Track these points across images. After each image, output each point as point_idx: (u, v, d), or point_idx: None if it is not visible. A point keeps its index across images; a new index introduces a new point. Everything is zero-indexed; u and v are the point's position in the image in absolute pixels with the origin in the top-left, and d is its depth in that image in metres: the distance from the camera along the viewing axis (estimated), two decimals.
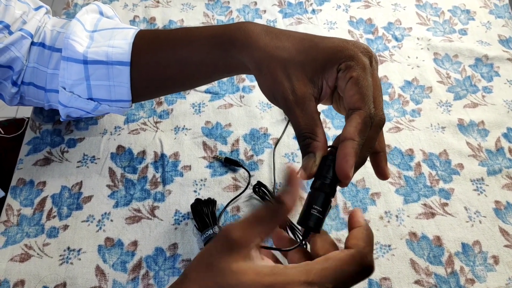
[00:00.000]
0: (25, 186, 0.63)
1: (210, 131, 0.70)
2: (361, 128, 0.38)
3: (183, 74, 0.55)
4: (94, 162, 0.66)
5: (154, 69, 0.55)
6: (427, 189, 0.64)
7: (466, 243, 0.59)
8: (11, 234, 0.59)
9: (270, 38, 0.44)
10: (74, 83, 0.56)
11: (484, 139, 0.70)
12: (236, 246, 0.34)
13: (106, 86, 0.56)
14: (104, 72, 0.55)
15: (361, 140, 0.38)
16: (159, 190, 0.63)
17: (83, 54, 0.55)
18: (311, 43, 0.43)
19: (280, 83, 0.42)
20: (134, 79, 0.56)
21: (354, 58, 0.40)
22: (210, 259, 0.34)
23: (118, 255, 0.58)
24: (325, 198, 0.38)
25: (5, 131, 0.83)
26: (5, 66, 0.58)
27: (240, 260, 0.33)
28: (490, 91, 0.76)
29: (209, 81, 0.59)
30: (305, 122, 0.40)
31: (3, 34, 0.57)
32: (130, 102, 0.58)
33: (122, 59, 0.54)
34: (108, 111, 0.60)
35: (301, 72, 0.42)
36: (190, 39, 0.52)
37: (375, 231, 0.60)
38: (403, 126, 0.71)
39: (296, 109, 0.41)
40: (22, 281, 0.55)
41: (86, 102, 0.58)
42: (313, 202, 0.38)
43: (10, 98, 0.62)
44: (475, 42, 0.83)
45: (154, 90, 0.59)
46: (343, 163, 0.37)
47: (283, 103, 0.42)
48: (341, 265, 0.34)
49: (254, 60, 0.45)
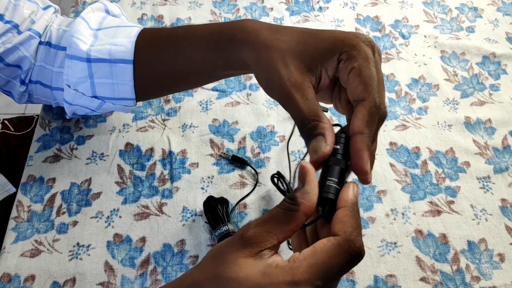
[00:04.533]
0: (35, 182, 0.64)
1: (217, 128, 0.70)
2: (368, 120, 0.37)
3: (185, 72, 0.55)
4: (102, 159, 0.67)
5: (157, 67, 0.55)
6: (433, 186, 0.64)
7: (472, 240, 0.60)
8: (21, 230, 0.60)
9: (270, 33, 0.43)
10: (78, 81, 0.56)
11: (491, 137, 0.70)
12: (248, 243, 0.33)
13: (110, 84, 0.56)
14: (107, 70, 0.55)
15: (371, 132, 0.37)
16: (167, 187, 0.64)
17: (87, 52, 0.55)
18: (311, 35, 0.42)
19: (276, 71, 0.40)
20: (137, 77, 0.56)
21: (356, 47, 0.39)
22: (220, 251, 0.34)
23: (126, 251, 0.58)
24: (340, 171, 0.37)
25: (15, 128, 0.84)
26: (14, 65, 0.59)
27: (250, 257, 0.33)
28: (497, 89, 0.76)
29: (211, 80, 0.59)
30: (308, 107, 0.38)
31: (12, 33, 0.58)
32: (134, 100, 0.58)
33: (125, 57, 0.54)
34: (112, 109, 0.61)
35: (299, 61, 0.40)
36: (191, 37, 0.52)
37: (381, 228, 0.60)
38: (410, 124, 0.71)
39: (296, 95, 0.39)
40: (33, 276, 0.56)
41: (91, 100, 0.58)
42: (328, 174, 0.37)
43: (19, 96, 0.63)
44: (483, 40, 0.83)
45: (158, 88, 0.60)
46: (358, 159, 0.36)
47: (280, 92, 0.40)
48: (329, 259, 0.32)
49: (253, 54, 0.43)
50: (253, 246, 0.33)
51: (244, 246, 0.33)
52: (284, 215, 0.34)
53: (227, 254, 0.33)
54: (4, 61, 0.58)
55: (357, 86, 0.38)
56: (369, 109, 0.37)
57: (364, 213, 0.62)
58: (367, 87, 0.38)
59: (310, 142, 0.38)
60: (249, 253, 0.33)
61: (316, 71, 0.40)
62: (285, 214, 0.34)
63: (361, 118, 0.37)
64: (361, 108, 0.37)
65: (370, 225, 0.61)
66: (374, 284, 0.56)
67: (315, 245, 0.33)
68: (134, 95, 0.57)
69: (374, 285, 0.56)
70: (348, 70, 0.39)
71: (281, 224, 0.34)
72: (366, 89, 0.38)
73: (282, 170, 0.65)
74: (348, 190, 0.36)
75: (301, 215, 0.34)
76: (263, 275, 0.32)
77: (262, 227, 0.34)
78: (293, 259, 0.33)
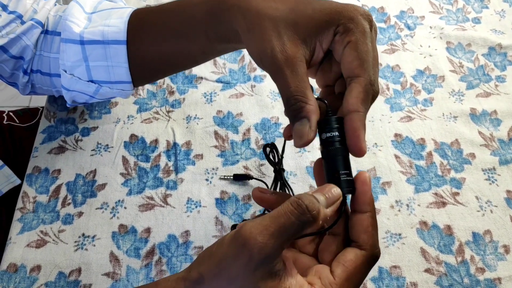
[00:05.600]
0: (40, 174, 0.65)
1: (222, 120, 0.70)
2: (363, 97, 0.36)
3: (177, 49, 0.53)
4: (107, 150, 0.67)
5: (150, 46, 0.54)
6: (438, 178, 0.64)
7: (477, 232, 0.60)
8: (27, 221, 0.60)
9: (263, 0, 0.41)
10: (73, 65, 0.56)
11: (497, 129, 0.69)
12: (260, 262, 0.31)
13: (105, 67, 0.56)
14: (101, 52, 0.55)
15: (366, 110, 0.36)
16: (172, 178, 0.64)
17: (80, 35, 0.54)
18: (306, 4, 0.40)
19: (269, 41, 0.38)
20: (131, 58, 0.55)
21: (354, 20, 0.37)
22: (231, 271, 0.32)
23: (131, 241, 0.59)
24: (344, 159, 0.36)
25: (20, 120, 0.84)
26: (17, 57, 0.59)
27: (268, 278, 0.32)
28: (503, 80, 0.75)
29: (205, 58, 0.56)
30: (296, 84, 0.37)
31: (16, 24, 0.58)
32: (130, 84, 0.57)
33: (118, 38, 0.54)
34: (110, 94, 0.60)
35: (293, 31, 0.38)
36: (182, 8, 0.50)
37: (385, 219, 0.60)
38: (415, 116, 0.71)
39: (286, 70, 0.37)
40: (39, 266, 0.57)
41: (87, 85, 0.57)
42: (336, 168, 0.36)
43: (23, 87, 0.63)
44: (489, 31, 0.82)
45: (153, 70, 0.58)
46: (355, 139, 0.36)
47: (271, 64, 0.38)
48: (360, 276, 0.34)
49: (244, 22, 0.41)
50: (266, 265, 0.32)
51: (257, 267, 0.31)
52: (298, 226, 0.32)
53: (244, 278, 0.32)
54: (9, 52, 0.58)
55: (353, 61, 0.37)
56: (364, 86, 0.36)
57: None
58: (363, 63, 0.36)
59: (294, 123, 0.37)
60: (264, 273, 0.32)
61: (310, 43, 0.38)
62: (299, 226, 0.32)
63: (356, 95, 0.36)
64: (356, 85, 0.36)
65: None
66: (378, 275, 0.56)
67: (345, 264, 0.34)
68: (130, 78, 0.57)
69: (379, 276, 0.56)
70: (344, 43, 0.37)
71: (292, 233, 0.32)
72: (362, 65, 0.36)
73: (286, 162, 0.65)
74: (367, 189, 0.36)
75: (315, 226, 0.33)
76: None
77: (270, 239, 0.31)
78: (330, 284, 0.34)
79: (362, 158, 0.66)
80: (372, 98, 0.37)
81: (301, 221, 0.32)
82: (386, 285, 0.55)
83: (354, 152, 0.36)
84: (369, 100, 0.36)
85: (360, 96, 0.36)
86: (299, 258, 0.39)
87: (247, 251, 0.31)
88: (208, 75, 0.76)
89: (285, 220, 0.32)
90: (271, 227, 0.31)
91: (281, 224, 0.31)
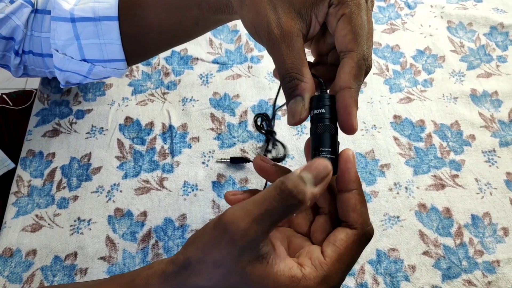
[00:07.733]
0: (34, 157, 0.64)
1: (218, 102, 0.69)
2: (356, 73, 0.35)
3: (169, 23, 0.52)
4: (102, 133, 0.66)
5: (143, 21, 0.53)
6: (438, 160, 0.63)
7: (476, 214, 0.59)
8: (22, 205, 0.60)
9: None
10: (65, 44, 0.55)
11: (497, 110, 0.68)
12: (243, 247, 0.31)
13: (97, 45, 0.55)
14: (93, 29, 0.53)
15: (359, 86, 0.35)
16: (168, 162, 0.63)
17: (70, 12, 0.53)
18: None
19: (264, 15, 0.36)
20: (124, 35, 0.54)
21: None
22: (216, 255, 0.32)
23: (127, 225, 0.58)
24: (331, 137, 0.35)
25: (13, 103, 0.83)
26: (8, 37, 0.57)
27: (256, 262, 0.31)
28: (505, 60, 0.74)
29: (198, 30, 0.55)
30: (292, 61, 0.36)
31: (4, 3, 0.56)
32: (124, 62, 0.56)
33: (109, 14, 0.52)
34: (104, 73, 0.58)
35: (289, 4, 0.36)
36: None
37: (384, 202, 0.60)
38: (415, 97, 0.70)
39: (282, 45, 0.36)
40: (34, 250, 0.56)
41: (80, 64, 0.56)
42: (319, 145, 0.35)
43: (15, 69, 0.62)
44: (491, 10, 0.80)
45: (147, 46, 0.57)
46: (346, 116, 0.35)
47: (267, 38, 0.37)
48: (352, 256, 0.34)
49: None
50: (253, 250, 0.31)
51: (243, 252, 0.31)
52: (282, 209, 0.31)
53: (232, 264, 0.32)
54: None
55: (346, 35, 0.35)
56: (357, 61, 0.35)
57: (367, 187, 0.61)
58: (356, 37, 0.35)
59: (289, 101, 0.37)
60: (251, 258, 0.32)
61: (306, 16, 0.37)
62: (284, 208, 0.31)
63: (349, 71, 0.35)
64: (349, 60, 0.35)
65: (373, 199, 0.60)
66: (376, 258, 0.56)
67: (336, 243, 0.34)
68: (124, 56, 0.55)
69: (377, 259, 0.56)
70: (338, 16, 0.36)
71: (277, 216, 0.31)
72: (355, 39, 0.35)
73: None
74: (351, 167, 0.35)
75: (302, 208, 0.31)
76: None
77: (254, 223, 0.31)
78: (320, 264, 0.33)
79: (360, 140, 0.65)
80: (365, 73, 0.36)
81: (285, 206, 0.31)
82: (384, 268, 0.55)
83: (345, 129, 0.35)
84: (362, 75, 0.35)
85: (353, 72, 0.35)
86: (294, 239, 0.38)
87: (229, 237, 0.31)
88: (204, 56, 0.74)
89: (268, 205, 0.31)
90: (254, 212, 0.31)
91: (264, 209, 0.31)
